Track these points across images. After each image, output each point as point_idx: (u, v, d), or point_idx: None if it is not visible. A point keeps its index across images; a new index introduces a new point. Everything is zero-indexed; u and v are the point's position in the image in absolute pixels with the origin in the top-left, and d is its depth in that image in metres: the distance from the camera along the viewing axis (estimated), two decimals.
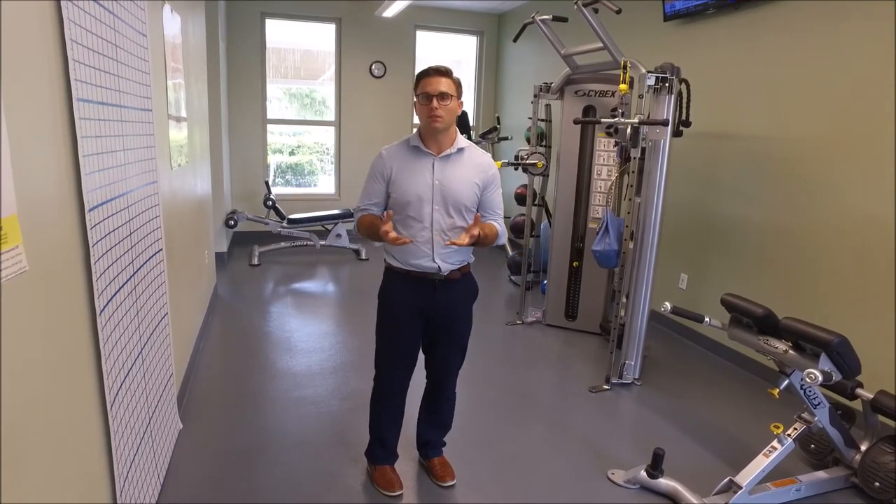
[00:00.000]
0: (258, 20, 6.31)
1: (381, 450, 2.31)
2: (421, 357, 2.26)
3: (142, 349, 1.97)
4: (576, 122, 3.59)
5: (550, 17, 3.81)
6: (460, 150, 2.05)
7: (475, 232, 1.89)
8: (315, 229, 6.04)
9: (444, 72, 1.95)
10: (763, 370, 3.34)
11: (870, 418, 2.38)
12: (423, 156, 2.03)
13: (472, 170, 2.05)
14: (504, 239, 2.15)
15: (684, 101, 3.11)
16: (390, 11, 6.11)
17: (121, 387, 1.72)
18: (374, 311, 2.21)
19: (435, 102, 1.92)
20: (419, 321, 2.13)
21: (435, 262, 2.04)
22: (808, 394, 2.16)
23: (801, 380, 2.03)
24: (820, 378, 1.94)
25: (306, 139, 7.35)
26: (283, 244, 5.95)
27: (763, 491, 2.23)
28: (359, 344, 3.74)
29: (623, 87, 3.08)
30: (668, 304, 2.58)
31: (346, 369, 3.36)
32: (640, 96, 3.14)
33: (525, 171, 4.37)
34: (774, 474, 2.23)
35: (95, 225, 1.53)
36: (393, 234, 1.90)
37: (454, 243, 1.92)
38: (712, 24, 3.80)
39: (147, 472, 1.99)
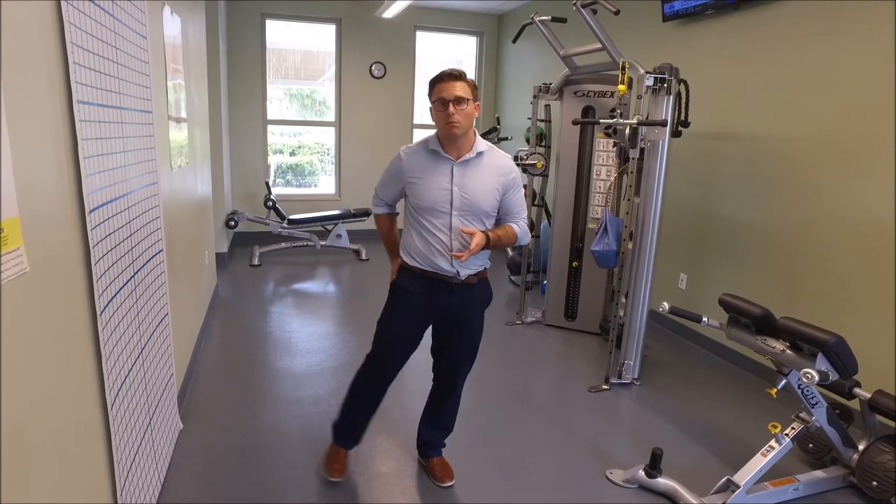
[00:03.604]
0: (258, 21, 6.32)
1: (345, 429, 2.31)
2: (430, 359, 2.27)
3: (142, 349, 1.98)
4: (574, 122, 3.60)
5: (549, 17, 3.82)
6: (479, 154, 2.01)
7: (473, 245, 1.89)
8: (315, 230, 6.05)
9: (459, 75, 1.92)
10: (762, 370, 3.34)
11: (868, 418, 2.38)
12: (441, 161, 2.00)
13: (492, 174, 2.01)
14: (527, 239, 2.14)
15: (683, 101, 3.12)
16: (390, 12, 6.11)
17: (121, 387, 1.73)
18: (375, 311, 2.21)
19: (451, 108, 1.89)
20: (426, 321, 2.13)
21: (453, 266, 2.02)
22: (805, 393, 2.17)
23: (799, 379, 2.04)
24: (817, 378, 1.95)
25: (307, 139, 7.37)
26: (283, 244, 5.96)
27: (761, 490, 2.23)
28: (359, 344, 3.75)
29: (622, 87, 3.09)
30: (665, 305, 2.59)
31: (346, 369, 3.37)
32: (639, 97, 3.15)
33: (525, 171, 4.37)
34: (772, 473, 2.24)
35: (96, 226, 1.54)
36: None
37: (456, 256, 1.94)
38: (711, 25, 3.80)
39: (147, 472, 2.00)
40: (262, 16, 6.36)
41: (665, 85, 3.06)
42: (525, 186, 4.63)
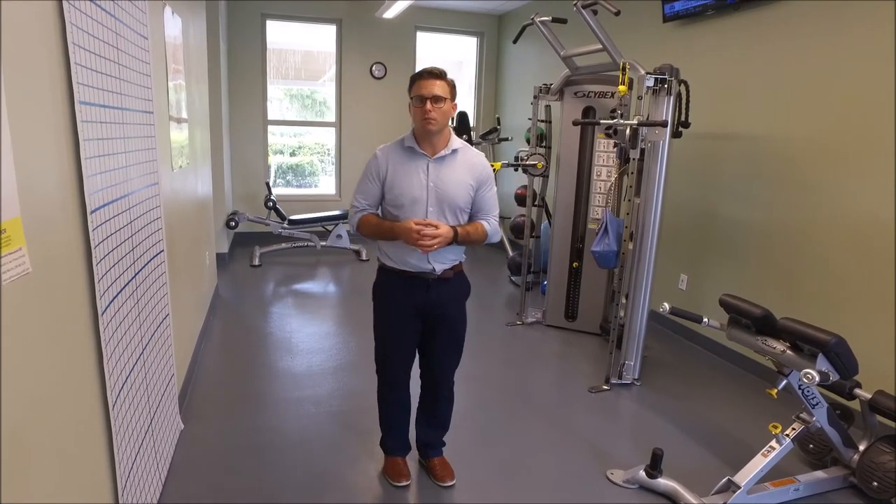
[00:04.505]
0: (259, 21, 6.33)
1: (390, 441, 2.36)
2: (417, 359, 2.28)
3: (143, 350, 1.99)
4: (575, 123, 3.60)
5: (550, 18, 3.82)
6: (454, 151, 2.06)
7: (435, 230, 1.91)
8: (316, 230, 6.06)
9: (438, 74, 1.98)
10: (762, 370, 3.34)
11: (868, 418, 2.38)
12: (417, 157, 2.05)
13: (466, 170, 2.07)
14: (497, 238, 2.17)
15: (683, 102, 3.12)
16: (391, 12, 6.12)
17: (122, 387, 1.73)
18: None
19: (429, 105, 1.95)
20: (415, 317, 2.15)
21: (430, 262, 2.06)
22: (806, 394, 2.17)
23: (799, 380, 2.04)
24: (817, 378, 1.95)
25: (307, 140, 7.37)
26: (283, 245, 5.97)
27: (762, 490, 2.23)
28: (359, 344, 3.75)
29: (622, 88, 3.09)
30: (666, 305, 2.59)
31: (346, 370, 3.37)
32: (640, 97, 3.15)
33: (525, 171, 4.38)
34: (773, 474, 2.24)
35: (97, 227, 1.54)
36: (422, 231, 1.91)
37: (423, 246, 1.93)
38: (712, 26, 3.80)
39: (148, 472, 2.01)
40: (263, 16, 6.36)
41: (665, 85, 3.06)
42: (525, 187, 4.66)
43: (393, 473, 2.32)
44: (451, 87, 2.01)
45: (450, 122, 2.06)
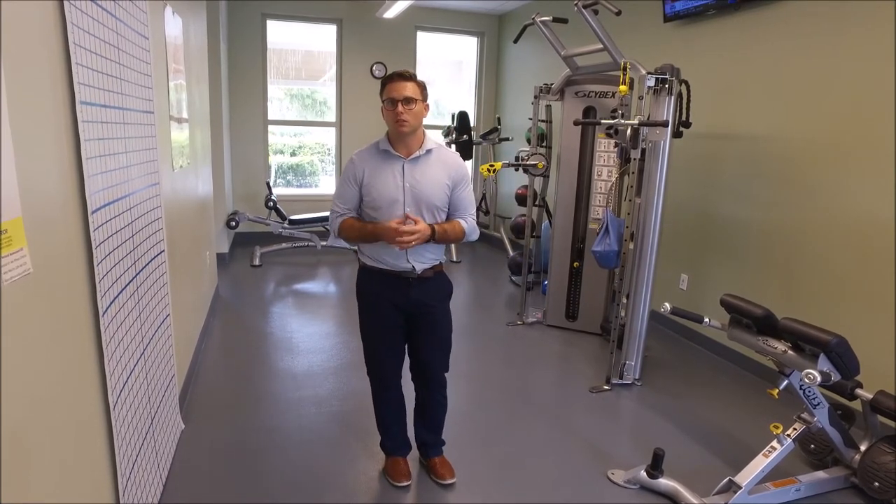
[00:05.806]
0: (259, 21, 6.33)
1: (389, 441, 2.37)
2: (407, 362, 2.30)
3: (144, 350, 1.98)
4: (576, 123, 3.59)
5: (550, 18, 3.82)
6: (428, 151, 2.09)
7: (415, 226, 1.94)
8: (316, 230, 6.06)
9: (409, 77, 2.01)
10: (763, 370, 3.34)
11: (869, 418, 2.38)
12: (392, 159, 2.07)
13: (442, 170, 2.09)
14: (475, 235, 2.19)
15: (684, 101, 3.12)
16: (391, 12, 6.12)
17: (123, 387, 1.73)
18: None
19: (400, 107, 1.98)
20: (399, 315, 2.17)
21: (409, 262, 2.09)
22: (807, 394, 2.16)
23: (800, 380, 2.04)
24: (818, 378, 1.95)
25: (307, 140, 7.37)
26: (284, 245, 5.97)
27: (763, 491, 2.23)
28: (360, 344, 3.68)
29: (623, 88, 3.09)
30: (667, 305, 2.59)
31: (347, 370, 3.37)
32: (640, 97, 3.15)
33: (526, 171, 4.38)
34: (774, 474, 2.24)
35: (98, 227, 1.54)
36: (402, 230, 1.92)
37: (401, 242, 1.95)
38: (712, 25, 3.80)
39: (149, 473, 2.01)
40: (263, 16, 6.36)
41: (666, 85, 3.06)
42: (526, 187, 4.65)
43: (394, 473, 2.32)
44: (422, 88, 2.04)
45: (451, 123, 2.07)
